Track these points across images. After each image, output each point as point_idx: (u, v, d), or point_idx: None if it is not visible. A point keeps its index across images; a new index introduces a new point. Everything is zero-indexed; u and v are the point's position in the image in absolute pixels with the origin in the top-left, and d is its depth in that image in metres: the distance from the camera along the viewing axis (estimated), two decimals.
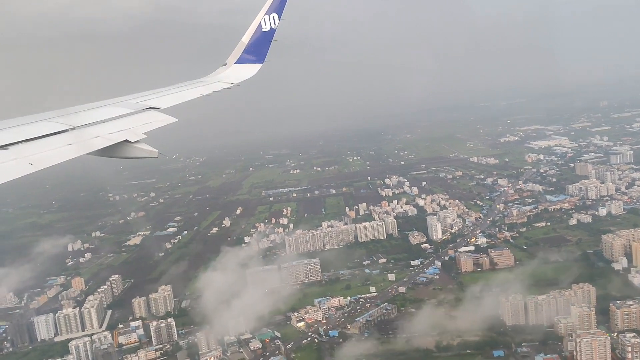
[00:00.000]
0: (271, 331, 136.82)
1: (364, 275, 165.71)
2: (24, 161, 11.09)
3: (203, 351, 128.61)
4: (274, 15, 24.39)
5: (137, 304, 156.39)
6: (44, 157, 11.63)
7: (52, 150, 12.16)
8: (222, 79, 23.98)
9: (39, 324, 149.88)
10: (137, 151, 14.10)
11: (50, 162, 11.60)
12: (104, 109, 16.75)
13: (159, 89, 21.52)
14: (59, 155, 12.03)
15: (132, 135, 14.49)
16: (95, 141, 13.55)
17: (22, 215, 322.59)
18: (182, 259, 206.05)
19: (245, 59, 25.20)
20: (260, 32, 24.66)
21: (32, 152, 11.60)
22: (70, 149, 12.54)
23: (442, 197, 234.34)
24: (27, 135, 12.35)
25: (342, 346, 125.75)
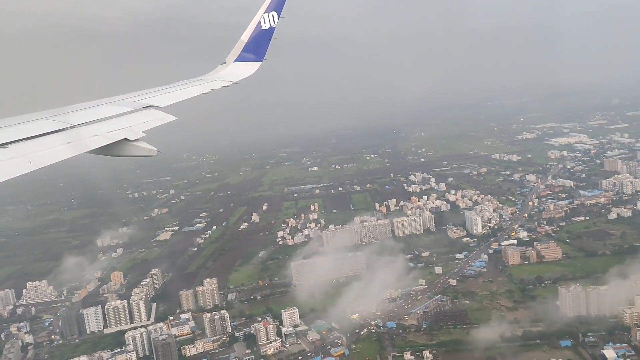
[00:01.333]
0: (327, 323, 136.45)
1: (408, 268, 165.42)
2: (23, 160, 10.99)
3: (262, 342, 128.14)
4: (273, 14, 24.36)
5: (185, 296, 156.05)
6: (43, 155, 11.54)
7: (51, 148, 12.09)
8: (222, 77, 23.92)
9: (88, 316, 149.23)
10: (137, 150, 13.99)
11: (50, 160, 11.51)
12: (103, 108, 16.72)
13: (158, 88, 21.45)
14: (58, 153, 11.96)
15: (132, 133, 14.42)
16: (95, 140, 13.46)
17: (43, 212, 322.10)
18: (217, 254, 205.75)
19: (245, 57, 25.14)
20: (260, 30, 24.61)
21: (31, 151, 11.52)
22: (70, 147, 12.49)
23: (473, 192, 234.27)
24: (26, 134, 12.26)
25: (402, 337, 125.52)
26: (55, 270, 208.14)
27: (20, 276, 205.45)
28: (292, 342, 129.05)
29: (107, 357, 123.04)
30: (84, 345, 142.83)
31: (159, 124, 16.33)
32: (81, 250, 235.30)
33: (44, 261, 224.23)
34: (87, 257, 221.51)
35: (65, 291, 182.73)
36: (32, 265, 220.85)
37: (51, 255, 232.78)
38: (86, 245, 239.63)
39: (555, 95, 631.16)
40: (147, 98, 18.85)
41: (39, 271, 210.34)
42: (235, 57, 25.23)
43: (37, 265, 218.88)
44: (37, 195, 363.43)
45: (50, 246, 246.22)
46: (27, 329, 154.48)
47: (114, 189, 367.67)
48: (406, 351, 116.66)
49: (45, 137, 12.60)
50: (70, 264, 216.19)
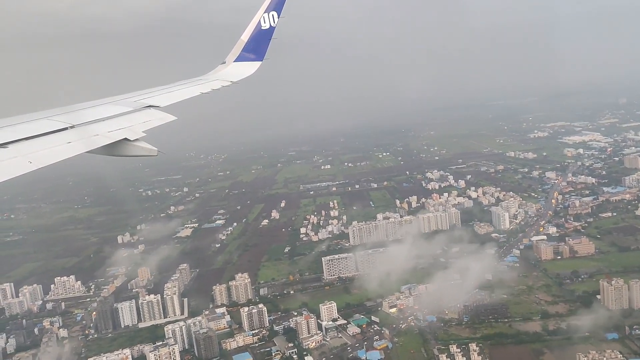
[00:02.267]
0: (364, 317, 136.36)
1: (439, 263, 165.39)
2: (23, 159, 10.98)
3: (304, 336, 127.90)
4: (273, 13, 24.33)
5: (219, 291, 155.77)
6: (43, 155, 11.52)
7: (51, 148, 12.06)
8: (222, 77, 23.87)
9: (122, 310, 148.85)
10: (137, 149, 13.95)
11: (50, 160, 11.49)
12: (103, 107, 16.69)
13: (159, 87, 21.39)
14: (58, 153, 11.92)
15: (132, 133, 14.38)
16: (95, 139, 13.43)
17: (57, 210, 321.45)
18: (242, 250, 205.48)
19: (245, 57, 25.09)
20: (260, 30, 24.57)
21: (32, 151, 11.51)
22: (70, 147, 12.44)
23: (494, 189, 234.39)
24: (27, 134, 12.24)
25: (444, 330, 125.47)
26: (78, 266, 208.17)
27: (44, 272, 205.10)
28: (332, 335, 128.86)
29: (149, 350, 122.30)
30: (120, 339, 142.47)
31: (159, 123, 16.31)
32: (102, 247, 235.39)
33: (65, 257, 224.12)
34: (109, 254, 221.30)
35: (92, 287, 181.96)
36: (54, 261, 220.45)
37: (72, 251, 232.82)
38: (106, 242, 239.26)
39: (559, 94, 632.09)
40: (147, 98, 18.87)
41: (61, 267, 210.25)
42: (235, 57, 25.20)
43: (59, 262, 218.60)
44: (48, 194, 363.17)
45: (70, 243, 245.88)
46: (60, 323, 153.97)
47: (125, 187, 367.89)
48: (451, 344, 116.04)
49: (46, 137, 12.58)
50: (93, 260, 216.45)
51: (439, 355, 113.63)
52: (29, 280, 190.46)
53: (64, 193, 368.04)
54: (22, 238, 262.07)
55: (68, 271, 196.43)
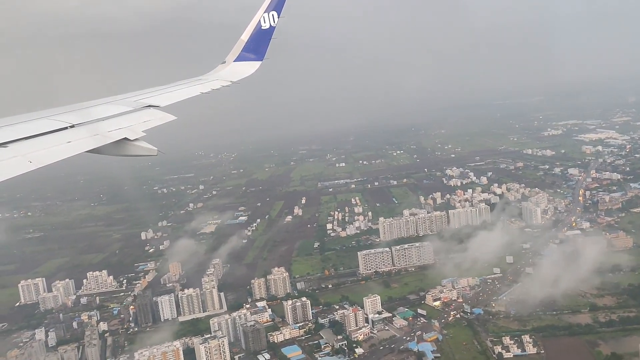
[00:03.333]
0: (408, 310, 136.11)
1: (476, 257, 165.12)
2: (23, 159, 10.96)
3: (352, 328, 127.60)
4: (273, 13, 24.29)
5: (257, 285, 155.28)
6: (43, 154, 11.50)
7: (51, 148, 12.05)
8: (222, 77, 23.85)
9: (162, 304, 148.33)
10: (137, 149, 13.94)
11: (50, 160, 11.47)
12: (103, 107, 16.66)
13: (159, 87, 21.39)
14: (58, 153, 11.90)
15: (131, 133, 14.37)
16: (95, 139, 13.38)
17: (73, 207, 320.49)
18: (270, 245, 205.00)
19: (245, 57, 25.03)
20: (260, 29, 24.53)
21: (31, 150, 11.49)
22: (70, 146, 12.41)
23: (518, 186, 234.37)
24: (26, 133, 12.22)
25: (493, 323, 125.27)
26: (105, 262, 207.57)
27: (71, 268, 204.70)
28: (379, 328, 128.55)
29: (199, 342, 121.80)
30: (162, 333, 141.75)
31: (159, 123, 16.26)
32: (126, 243, 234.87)
33: (91, 254, 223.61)
34: (134, 250, 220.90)
35: (124, 281, 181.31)
36: (80, 257, 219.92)
37: (96, 248, 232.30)
38: (130, 238, 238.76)
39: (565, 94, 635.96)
40: (147, 97, 18.80)
41: (88, 263, 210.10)
42: (235, 57, 25.10)
43: (85, 258, 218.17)
44: (61, 192, 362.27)
45: (93, 240, 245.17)
46: (98, 317, 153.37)
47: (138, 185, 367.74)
48: (504, 336, 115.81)
49: (46, 136, 12.53)
50: (119, 256, 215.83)
51: (493, 347, 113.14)
52: (58, 276, 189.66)
53: (77, 191, 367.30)
54: (42, 235, 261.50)
55: (95, 267, 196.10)
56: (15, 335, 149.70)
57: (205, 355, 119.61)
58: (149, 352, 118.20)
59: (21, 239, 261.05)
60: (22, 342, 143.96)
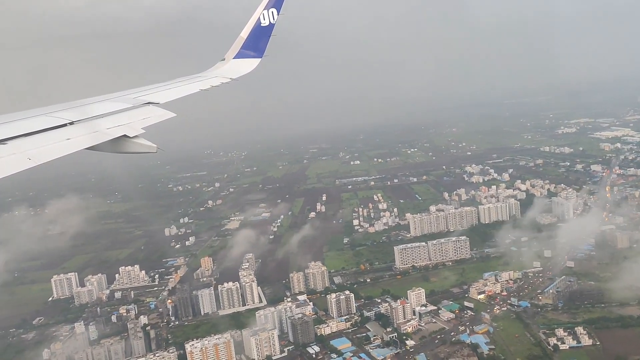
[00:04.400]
0: (453, 303, 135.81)
1: (512, 252, 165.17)
2: (22, 156, 10.95)
3: (400, 321, 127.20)
4: (272, 10, 24.26)
5: (296, 278, 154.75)
6: (43, 152, 11.49)
7: (50, 145, 12.01)
8: (221, 74, 23.83)
9: (202, 298, 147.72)
10: (136, 146, 13.94)
11: (49, 157, 11.45)
12: (103, 104, 16.59)
13: (158, 84, 21.34)
14: (58, 150, 11.89)
15: (131, 130, 14.35)
16: (94, 136, 13.33)
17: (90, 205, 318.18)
18: (299, 240, 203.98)
19: (244, 54, 25.00)
20: (259, 26, 24.51)
21: (31, 147, 11.47)
22: (69, 143, 12.40)
23: (542, 182, 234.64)
24: (26, 130, 12.21)
25: (542, 315, 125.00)
26: (132, 257, 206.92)
27: (98, 264, 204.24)
28: (427, 320, 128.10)
29: (248, 334, 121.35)
30: (204, 326, 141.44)
31: (158, 120, 16.22)
32: (150, 239, 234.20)
33: (116, 249, 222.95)
34: (160, 245, 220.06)
35: (156, 276, 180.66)
36: (106, 253, 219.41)
37: (121, 244, 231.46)
38: (153, 234, 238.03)
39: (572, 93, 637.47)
40: (146, 94, 18.74)
41: (114, 259, 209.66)
42: (235, 54, 25.02)
43: (111, 253, 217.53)
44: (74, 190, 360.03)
45: (116, 236, 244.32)
46: (136, 311, 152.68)
47: (152, 183, 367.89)
48: (557, 328, 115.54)
49: (45, 133, 12.50)
50: (145, 251, 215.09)
51: (547, 339, 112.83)
52: (86, 272, 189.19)
53: (90, 189, 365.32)
54: (62, 232, 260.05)
55: (123, 262, 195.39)
56: (54, 329, 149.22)
57: (255, 347, 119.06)
58: (201, 343, 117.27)
59: (42, 235, 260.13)
60: (62, 336, 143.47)
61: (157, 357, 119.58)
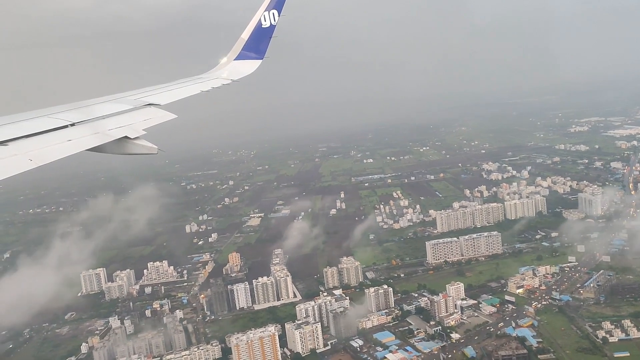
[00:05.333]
0: (492, 297, 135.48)
1: (543, 247, 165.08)
2: (23, 157, 10.97)
3: (442, 314, 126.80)
4: (273, 12, 24.32)
5: (330, 273, 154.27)
6: (44, 153, 11.50)
7: (51, 146, 12.04)
8: (222, 76, 23.95)
9: (237, 292, 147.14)
10: (137, 147, 13.98)
11: (50, 158, 11.47)
12: (104, 105, 16.63)
13: (159, 85, 21.43)
14: (59, 151, 11.91)
15: (132, 131, 14.37)
16: (95, 137, 13.36)
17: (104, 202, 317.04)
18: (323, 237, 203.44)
19: (245, 56, 25.05)
20: (260, 28, 24.55)
21: (32, 148, 11.49)
22: (70, 145, 12.40)
23: (562, 179, 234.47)
24: (27, 131, 12.21)
25: (585, 309, 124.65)
26: (156, 253, 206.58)
27: (122, 260, 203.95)
28: (468, 314, 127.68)
29: (293, 328, 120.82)
30: (241, 320, 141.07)
31: (160, 122, 16.26)
32: (170, 235, 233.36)
33: (138, 246, 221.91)
34: (181, 242, 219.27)
35: (185, 272, 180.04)
36: (129, 249, 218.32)
37: (142, 240, 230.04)
38: (173, 231, 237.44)
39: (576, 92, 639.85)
40: (147, 96, 18.79)
41: (138, 255, 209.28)
42: (236, 55, 25.06)
43: (133, 250, 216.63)
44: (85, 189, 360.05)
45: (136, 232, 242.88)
46: (169, 305, 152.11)
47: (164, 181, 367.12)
48: (603, 321, 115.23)
49: (46, 134, 12.53)
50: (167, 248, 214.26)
51: (595, 332, 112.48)
52: (111, 267, 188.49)
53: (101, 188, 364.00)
54: (82, 228, 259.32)
55: (147, 258, 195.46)
56: (88, 324, 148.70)
57: (300, 340, 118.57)
58: (246, 337, 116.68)
59: (61, 232, 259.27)
60: (97, 330, 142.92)
61: (201, 350, 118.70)
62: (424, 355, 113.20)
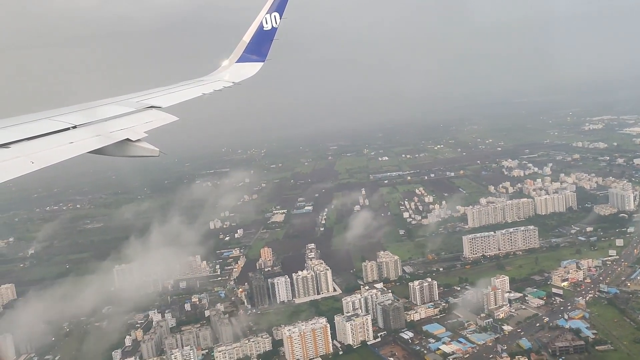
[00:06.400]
0: (537, 290, 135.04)
1: (580, 242, 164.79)
2: (25, 159, 11.02)
3: (492, 307, 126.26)
4: (275, 14, 24.28)
5: (370, 267, 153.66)
6: (45, 155, 11.55)
7: (53, 148, 12.10)
8: (224, 78, 23.96)
9: (278, 285, 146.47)
10: (139, 150, 13.99)
11: (52, 160, 11.54)
12: (105, 108, 16.72)
13: (161, 88, 21.47)
14: (61, 153, 11.93)
15: (133, 134, 14.42)
16: (97, 140, 13.39)
17: (121, 200, 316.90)
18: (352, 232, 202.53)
19: (247, 58, 25.05)
20: (262, 30, 24.55)
21: (34, 151, 11.55)
22: (72, 147, 12.46)
23: (587, 175, 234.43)
24: (29, 134, 12.27)
25: (635, 301, 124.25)
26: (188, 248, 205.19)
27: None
28: (516, 307, 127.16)
29: (344, 320, 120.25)
30: (284, 313, 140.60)
31: (161, 124, 16.30)
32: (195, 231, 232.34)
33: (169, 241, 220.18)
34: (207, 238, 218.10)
35: (217, 267, 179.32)
36: None
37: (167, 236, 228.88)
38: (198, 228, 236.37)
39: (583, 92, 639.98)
40: (149, 98, 18.83)
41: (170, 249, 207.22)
42: (237, 58, 25.08)
43: None
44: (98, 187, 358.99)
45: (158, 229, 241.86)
46: (207, 299, 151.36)
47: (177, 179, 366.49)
48: None
49: (48, 137, 12.57)
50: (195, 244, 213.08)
51: None
52: None
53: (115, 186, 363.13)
54: (103, 225, 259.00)
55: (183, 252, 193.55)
56: (127, 317, 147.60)
57: (350, 333, 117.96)
58: (298, 328, 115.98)
59: (82, 229, 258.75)
60: (137, 323, 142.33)
61: (252, 342, 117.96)
62: (478, 346, 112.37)
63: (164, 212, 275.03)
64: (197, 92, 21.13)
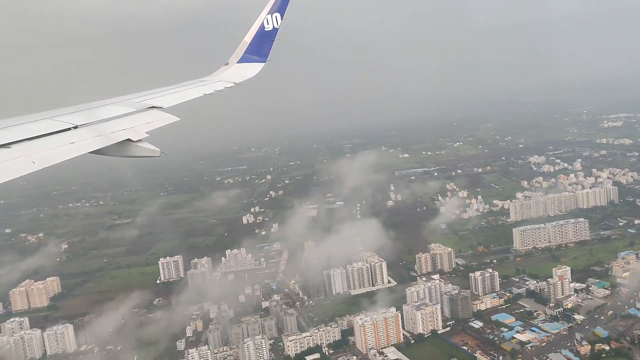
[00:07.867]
0: (600, 280, 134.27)
1: (630, 234, 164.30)
2: (26, 160, 11.04)
3: (559, 297, 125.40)
4: (276, 15, 24.20)
5: (424, 259, 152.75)
6: (46, 155, 11.55)
7: (54, 149, 12.11)
8: (225, 78, 23.95)
9: (334, 277, 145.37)
10: (140, 150, 13.96)
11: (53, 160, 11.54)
12: (107, 108, 16.76)
13: (162, 88, 21.55)
14: (62, 154, 11.95)
15: (135, 134, 14.41)
16: (98, 140, 13.40)
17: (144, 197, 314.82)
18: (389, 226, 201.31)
19: (248, 59, 25.04)
20: (263, 31, 24.51)
21: (35, 151, 11.56)
22: (73, 147, 12.48)
23: (620, 170, 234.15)
24: (30, 134, 12.28)
25: None
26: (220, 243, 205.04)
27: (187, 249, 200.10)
28: (582, 297, 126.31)
29: (413, 309, 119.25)
30: (343, 305, 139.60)
31: (162, 124, 16.30)
32: (228, 226, 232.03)
33: (198, 237, 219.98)
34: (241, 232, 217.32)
35: (262, 259, 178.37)
36: (189, 240, 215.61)
37: (199, 232, 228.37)
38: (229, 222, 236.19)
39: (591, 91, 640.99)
40: (150, 99, 18.89)
41: (203, 245, 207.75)
42: (239, 58, 25.07)
43: (194, 240, 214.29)
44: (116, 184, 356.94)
45: (189, 225, 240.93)
46: (260, 291, 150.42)
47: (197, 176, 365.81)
48: None
49: (49, 137, 12.60)
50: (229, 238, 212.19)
51: None
52: None
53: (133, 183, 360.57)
54: (131, 221, 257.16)
55: (212, 248, 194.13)
56: (181, 309, 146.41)
57: (421, 322, 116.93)
58: (370, 317, 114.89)
59: (111, 224, 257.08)
60: (194, 314, 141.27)
61: (322, 331, 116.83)
62: (553, 335, 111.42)
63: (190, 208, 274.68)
64: (198, 92, 21.03)
